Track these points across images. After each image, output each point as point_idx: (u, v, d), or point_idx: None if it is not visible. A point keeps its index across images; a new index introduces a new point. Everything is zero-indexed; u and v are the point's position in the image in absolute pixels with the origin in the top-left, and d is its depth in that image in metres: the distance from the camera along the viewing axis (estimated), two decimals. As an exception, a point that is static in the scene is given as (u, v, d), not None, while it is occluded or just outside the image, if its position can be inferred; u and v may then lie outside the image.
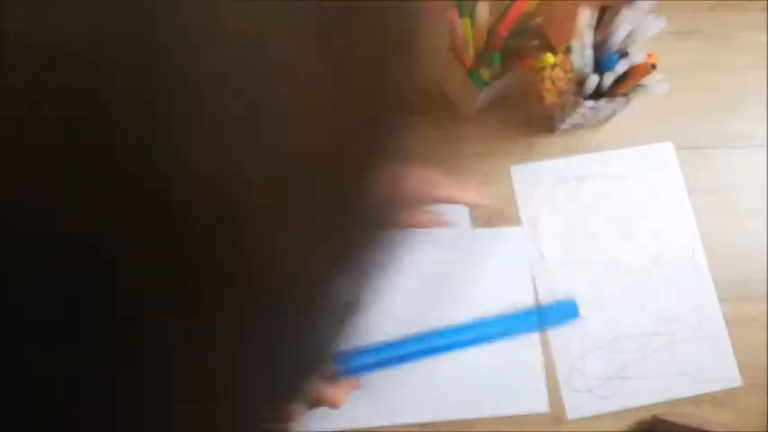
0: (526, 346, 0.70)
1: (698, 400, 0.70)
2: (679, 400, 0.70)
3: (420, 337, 0.68)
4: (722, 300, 0.74)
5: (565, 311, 0.71)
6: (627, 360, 0.71)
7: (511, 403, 0.67)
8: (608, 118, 0.78)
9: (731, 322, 0.73)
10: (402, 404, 0.66)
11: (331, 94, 0.13)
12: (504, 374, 0.68)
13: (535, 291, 0.72)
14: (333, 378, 0.61)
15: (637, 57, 0.68)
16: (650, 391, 0.70)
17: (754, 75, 0.85)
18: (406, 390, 0.67)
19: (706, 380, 0.71)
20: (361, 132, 0.16)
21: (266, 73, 0.12)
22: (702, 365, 0.71)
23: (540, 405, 0.68)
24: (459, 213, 0.74)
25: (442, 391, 0.67)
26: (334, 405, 0.57)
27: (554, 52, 0.70)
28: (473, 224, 0.73)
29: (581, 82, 0.70)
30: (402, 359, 0.67)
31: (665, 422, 0.67)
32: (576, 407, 0.68)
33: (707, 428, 0.65)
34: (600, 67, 0.69)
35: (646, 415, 0.69)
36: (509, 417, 0.67)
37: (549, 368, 0.69)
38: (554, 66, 0.75)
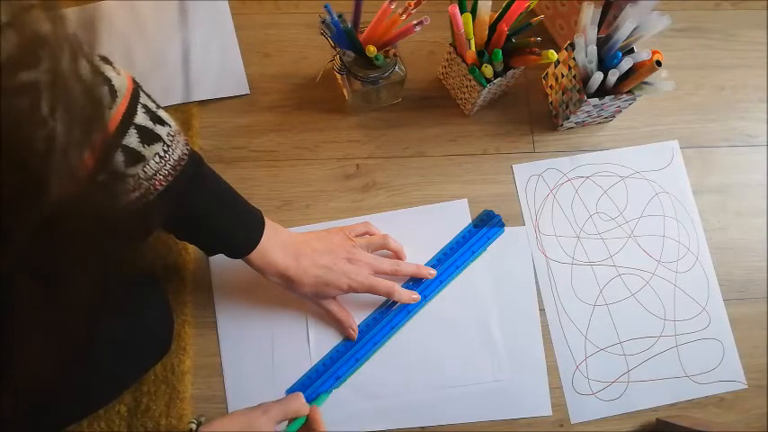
0: (529, 350, 0.68)
1: (704, 401, 0.69)
2: (684, 402, 0.69)
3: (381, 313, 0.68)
4: (727, 300, 0.73)
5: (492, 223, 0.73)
6: (630, 362, 0.69)
7: (514, 407, 0.66)
8: (612, 116, 0.77)
9: (735, 323, 0.72)
10: (405, 408, 0.65)
11: None
12: (507, 378, 0.67)
13: (538, 289, 0.71)
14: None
15: (641, 54, 0.67)
16: (654, 393, 0.69)
17: (755, 73, 0.84)
18: (410, 393, 0.65)
19: (711, 382, 0.70)
20: None
21: None
22: (708, 367, 0.70)
23: (544, 408, 0.67)
24: (460, 210, 0.72)
25: (446, 395, 0.66)
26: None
27: (557, 49, 0.69)
28: (473, 222, 0.72)
29: (585, 79, 0.69)
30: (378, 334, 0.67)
31: (669, 425, 0.66)
32: (580, 410, 0.67)
33: (711, 431, 0.64)
34: (604, 64, 0.68)
35: (650, 418, 0.68)
36: (512, 420, 0.66)
37: (552, 371, 0.68)
38: (557, 63, 0.74)
